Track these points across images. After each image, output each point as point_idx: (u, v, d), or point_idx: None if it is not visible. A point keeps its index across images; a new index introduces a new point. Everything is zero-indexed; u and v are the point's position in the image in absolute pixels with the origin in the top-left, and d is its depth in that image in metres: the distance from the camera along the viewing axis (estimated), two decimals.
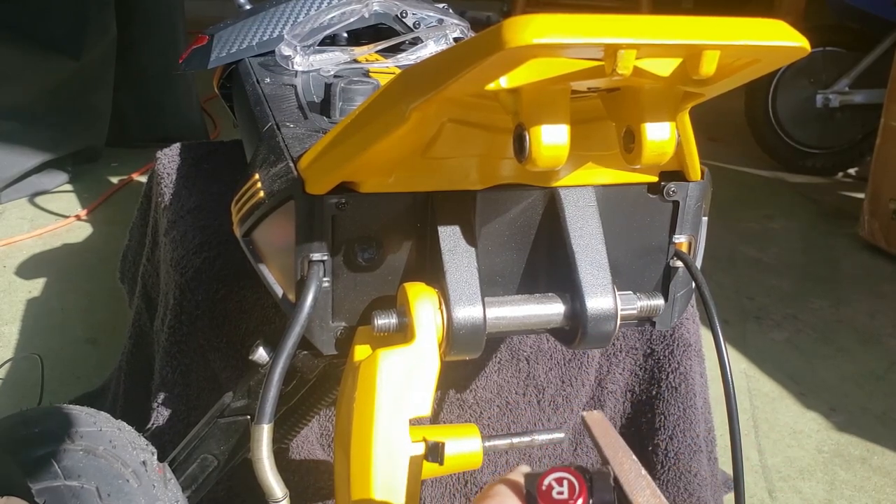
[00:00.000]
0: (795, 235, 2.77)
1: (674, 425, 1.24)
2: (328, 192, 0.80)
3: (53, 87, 2.71)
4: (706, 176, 0.90)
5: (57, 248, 2.36)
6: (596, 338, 0.82)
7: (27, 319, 1.99)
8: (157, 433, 1.16)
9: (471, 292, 0.80)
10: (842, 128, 3.16)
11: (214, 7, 3.04)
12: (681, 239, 0.90)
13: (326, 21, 1.31)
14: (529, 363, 1.22)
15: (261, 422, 0.79)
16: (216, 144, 1.58)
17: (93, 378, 1.76)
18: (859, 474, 1.66)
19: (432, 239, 0.83)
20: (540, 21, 0.55)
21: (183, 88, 3.05)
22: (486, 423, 1.23)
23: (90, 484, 0.84)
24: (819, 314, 2.26)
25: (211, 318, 1.14)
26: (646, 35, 0.57)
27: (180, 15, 3.05)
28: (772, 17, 0.62)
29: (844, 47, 3.10)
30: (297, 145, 0.92)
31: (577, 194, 0.84)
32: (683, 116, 0.79)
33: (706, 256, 0.94)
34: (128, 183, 2.79)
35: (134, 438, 0.95)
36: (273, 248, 0.90)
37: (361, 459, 0.77)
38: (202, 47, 1.39)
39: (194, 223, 1.25)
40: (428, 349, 0.79)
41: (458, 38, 1.34)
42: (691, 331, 1.24)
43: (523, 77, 0.64)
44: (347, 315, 0.86)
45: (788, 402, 1.88)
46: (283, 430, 1.09)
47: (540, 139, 0.65)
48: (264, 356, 0.92)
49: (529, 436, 0.94)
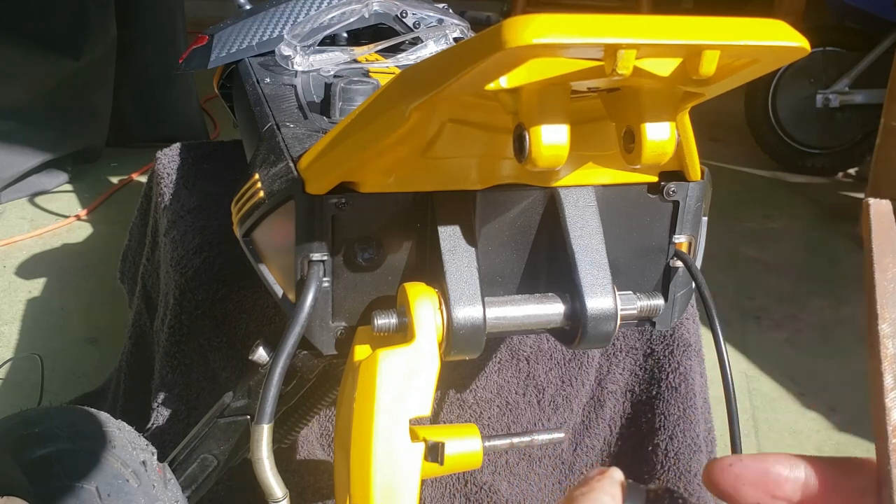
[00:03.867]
0: (795, 235, 2.77)
1: (674, 425, 1.24)
2: (328, 192, 0.80)
3: (53, 87, 2.71)
4: (706, 176, 0.90)
5: (57, 248, 2.36)
6: (596, 338, 0.82)
7: (27, 319, 1.99)
8: (157, 433, 1.16)
9: (471, 292, 0.80)
10: (842, 128, 3.16)
11: (214, 7, 3.05)
12: (681, 239, 0.90)
13: (326, 21, 1.31)
14: (529, 363, 1.22)
15: (261, 422, 0.79)
16: (216, 144, 1.58)
17: (93, 378, 1.76)
18: None
19: (432, 239, 0.83)
20: (540, 21, 0.55)
21: (183, 88, 3.05)
22: (486, 423, 1.23)
23: (90, 484, 0.84)
24: (819, 314, 2.26)
25: (211, 318, 1.14)
26: (646, 35, 0.57)
27: (180, 15, 3.04)
28: (772, 17, 0.62)
29: (844, 47, 3.10)
30: (297, 145, 0.92)
31: (577, 194, 0.84)
32: (683, 116, 0.79)
33: (706, 256, 0.94)
34: (128, 183, 2.79)
35: (134, 438, 0.95)
36: (273, 248, 0.90)
37: (361, 459, 0.77)
38: (202, 47, 1.39)
39: (194, 223, 1.26)
40: (428, 349, 0.79)
41: (458, 38, 1.34)
42: (691, 331, 1.24)
43: (523, 77, 0.64)
44: (347, 315, 0.86)
45: (788, 402, 1.88)
46: (283, 430, 1.09)
47: (540, 139, 0.65)
48: (264, 356, 0.92)
49: (529, 436, 0.94)
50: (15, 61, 2.58)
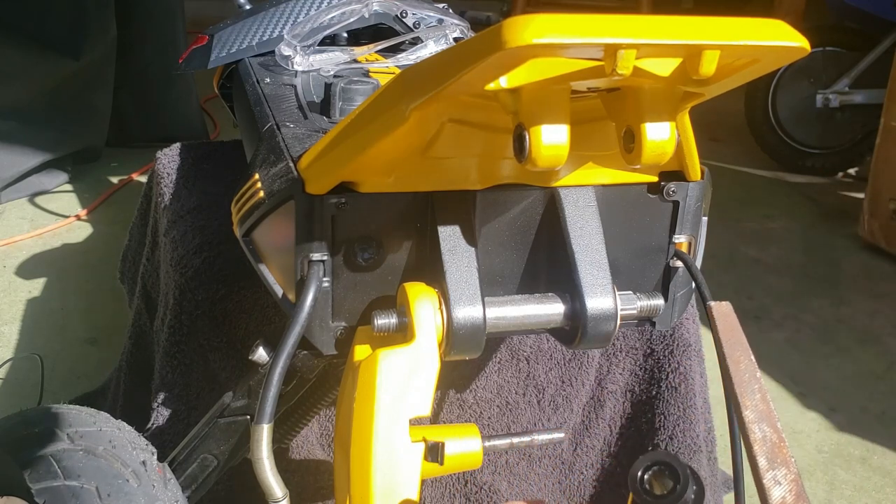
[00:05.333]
0: (795, 235, 2.77)
1: (674, 425, 1.24)
2: (328, 192, 0.80)
3: (53, 87, 2.70)
4: (706, 176, 0.90)
5: (57, 248, 2.36)
6: (596, 338, 0.82)
7: (27, 319, 1.99)
8: (157, 433, 1.16)
9: (471, 292, 0.80)
10: (842, 128, 3.16)
11: (214, 7, 3.04)
12: (681, 239, 0.90)
13: (326, 21, 1.31)
14: (529, 363, 1.22)
15: (261, 422, 0.79)
16: (216, 144, 1.58)
17: (93, 378, 1.76)
18: (859, 474, 1.66)
19: (432, 239, 0.83)
20: (540, 21, 0.55)
21: (183, 88, 3.04)
22: (486, 423, 1.23)
23: (90, 484, 0.84)
24: (819, 314, 2.26)
25: (211, 318, 1.14)
26: (646, 35, 0.57)
27: (180, 15, 3.04)
28: (772, 17, 0.62)
29: (844, 47, 3.10)
30: (297, 145, 0.92)
31: (577, 194, 0.84)
32: (683, 116, 0.79)
33: (706, 256, 0.94)
34: (128, 183, 2.79)
35: (134, 438, 0.95)
36: (273, 248, 0.90)
37: (361, 459, 0.77)
38: (202, 47, 1.39)
39: (194, 223, 1.26)
40: (428, 349, 0.79)
41: (458, 38, 1.34)
42: (691, 331, 1.24)
43: (523, 77, 0.64)
44: (347, 315, 0.86)
45: (788, 402, 1.88)
46: (283, 430, 1.09)
47: (540, 139, 0.65)
48: (264, 356, 0.92)
49: (529, 436, 0.94)
50: (15, 61, 2.58)
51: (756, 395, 0.47)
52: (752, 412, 0.46)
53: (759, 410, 0.46)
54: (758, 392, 0.47)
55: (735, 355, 0.48)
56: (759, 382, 0.47)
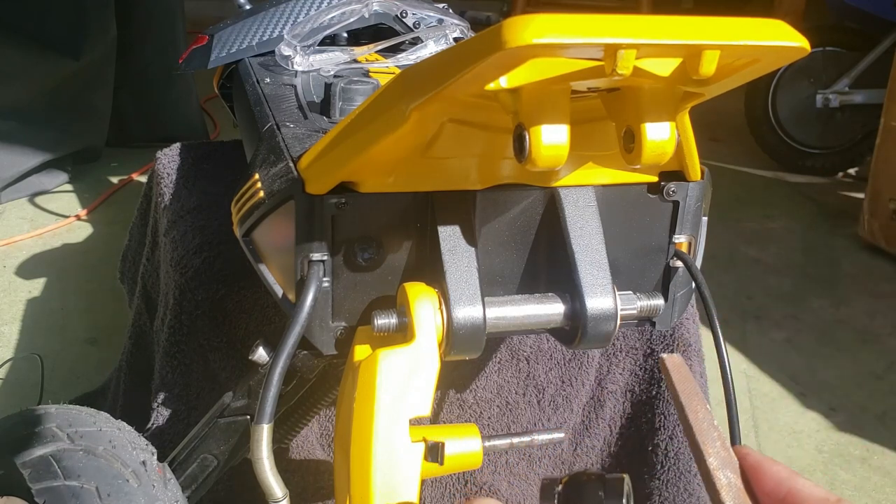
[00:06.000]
0: (795, 235, 2.77)
1: (674, 425, 1.24)
2: (328, 192, 0.80)
3: (53, 87, 2.71)
4: (706, 176, 0.90)
5: (57, 248, 2.36)
6: (596, 338, 0.82)
7: (27, 319, 2.00)
8: (157, 433, 1.16)
9: (471, 292, 0.80)
10: (842, 128, 3.16)
11: (214, 7, 3.05)
12: (681, 239, 0.90)
13: (326, 21, 1.31)
14: (529, 363, 1.22)
15: (261, 422, 0.79)
16: (216, 144, 1.58)
17: (93, 378, 1.76)
18: (859, 474, 1.66)
19: (432, 239, 0.83)
20: (540, 21, 0.55)
21: (183, 88, 3.05)
22: (486, 423, 1.23)
23: (90, 484, 0.84)
24: (819, 314, 2.26)
25: (211, 318, 1.14)
26: (646, 35, 0.57)
27: (180, 15, 3.04)
28: (772, 17, 0.62)
29: (844, 47, 3.10)
30: (297, 145, 0.92)
31: (577, 194, 0.84)
32: (683, 116, 0.79)
33: (706, 256, 0.94)
34: (128, 183, 2.79)
35: (134, 438, 0.95)
36: (273, 248, 0.90)
37: (361, 459, 0.77)
38: (202, 47, 1.39)
39: (194, 223, 1.25)
40: (428, 349, 0.79)
41: (458, 38, 1.34)
42: (691, 331, 1.24)
43: (523, 77, 0.64)
44: (347, 315, 0.86)
45: (788, 402, 1.88)
46: (283, 430, 1.09)
47: (540, 139, 0.65)
48: (264, 356, 0.92)
49: (529, 436, 0.94)
50: (15, 61, 2.58)
51: (716, 442, 0.49)
52: (715, 459, 0.48)
53: (721, 457, 0.49)
54: (717, 439, 0.50)
55: (692, 405, 0.51)
56: (718, 430, 0.50)
